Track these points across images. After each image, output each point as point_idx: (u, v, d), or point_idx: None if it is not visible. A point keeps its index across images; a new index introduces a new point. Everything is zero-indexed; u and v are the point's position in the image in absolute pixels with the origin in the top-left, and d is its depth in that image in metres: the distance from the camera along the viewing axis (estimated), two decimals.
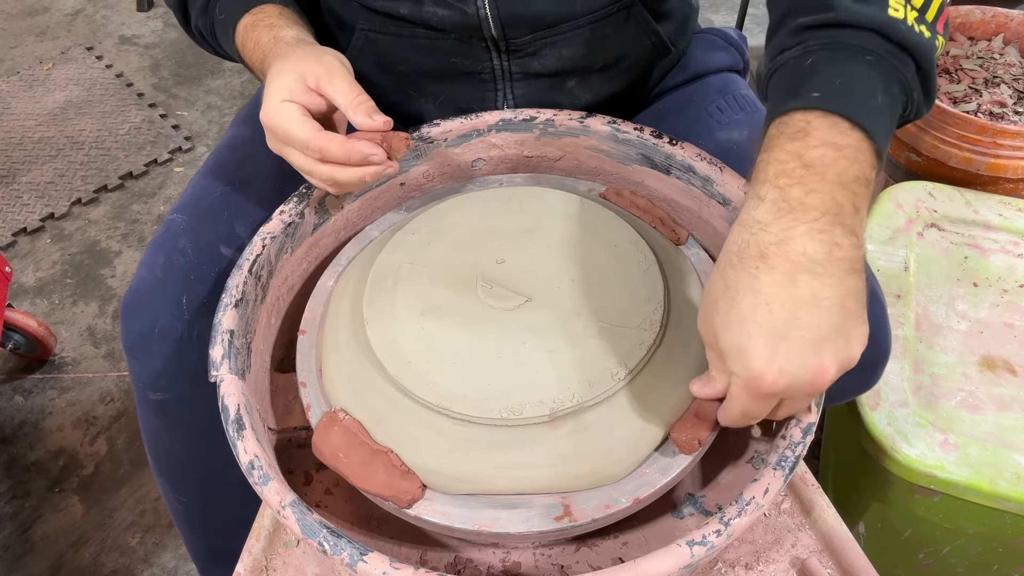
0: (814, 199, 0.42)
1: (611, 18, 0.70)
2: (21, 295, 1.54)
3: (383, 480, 0.49)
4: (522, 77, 0.73)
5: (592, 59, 0.73)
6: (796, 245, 0.42)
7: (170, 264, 0.66)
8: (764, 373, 0.42)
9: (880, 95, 0.45)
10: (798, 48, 0.48)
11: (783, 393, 0.43)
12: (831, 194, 0.42)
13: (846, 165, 0.43)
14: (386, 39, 0.72)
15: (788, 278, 0.41)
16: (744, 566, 0.56)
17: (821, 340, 0.41)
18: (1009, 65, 1.34)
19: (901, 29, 0.46)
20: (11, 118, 1.91)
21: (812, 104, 0.44)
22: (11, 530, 1.19)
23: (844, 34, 0.46)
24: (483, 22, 0.68)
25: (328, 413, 0.53)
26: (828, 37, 0.47)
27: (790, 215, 0.42)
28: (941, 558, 0.94)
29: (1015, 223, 1.04)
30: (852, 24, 0.46)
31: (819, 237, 0.42)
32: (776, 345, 0.41)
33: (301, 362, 0.58)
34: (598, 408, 0.50)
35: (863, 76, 0.45)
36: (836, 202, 0.42)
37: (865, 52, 0.46)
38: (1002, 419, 0.86)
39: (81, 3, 2.30)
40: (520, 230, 0.60)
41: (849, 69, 0.45)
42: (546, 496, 0.49)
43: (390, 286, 0.56)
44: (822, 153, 0.43)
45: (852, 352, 0.42)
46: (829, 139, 0.43)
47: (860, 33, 0.46)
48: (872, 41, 0.46)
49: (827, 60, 0.46)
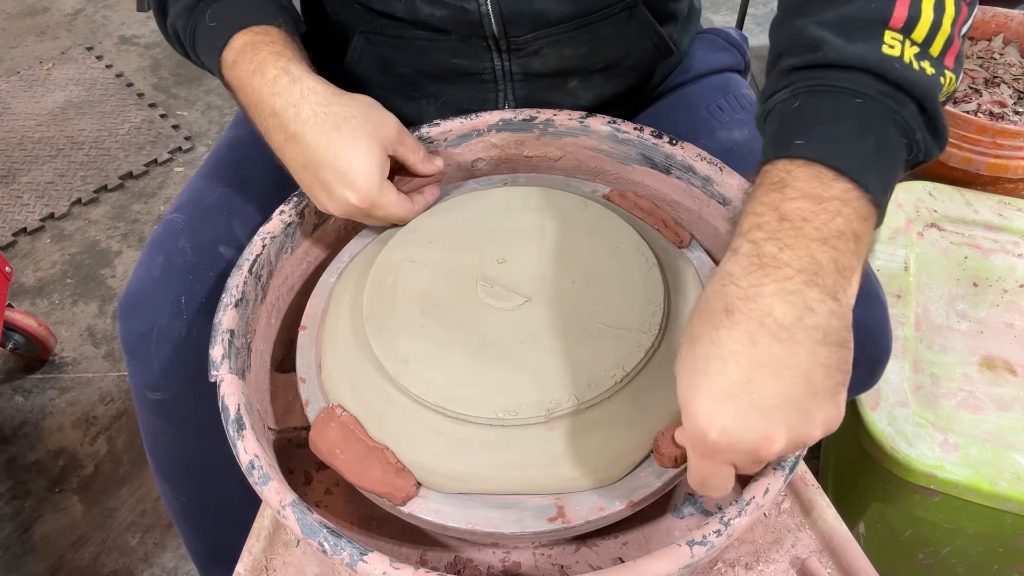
0: (788, 255, 0.39)
1: (613, 18, 0.70)
2: (21, 295, 1.54)
3: (378, 477, 0.49)
4: (523, 77, 0.73)
5: (594, 59, 0.73)
6: (763, 304, 0.39)
7: (169, 264, 0.66)
8: (705, 430, 0.39)
9: (872, 140, 0.42)
10: (786, 91, 0.45)
11: (725, 455, 0.40)
12: (808, 251, 0.39)
13: (827, 219, 0.40)
14: (386, 41, 0.72)
15: (750, 338, 0.38)
16: (744, 566, 0.56)
17: (772, 409, 0.38)
18: (1009, 65, 1.34)
19: (895, 67, 0.43)
20: (11, 118, 1.91)
21: (794, 152, 0.41)
22: (11, 530, 1.19)
23: (832, 75, 0.43)
24: (484, 19, 0.67)
25: (325, 409, 0.53)
26: (816, 79, 0.44)
27: (761, 271, 0.39)
28: (941, 558, 0.94)
29: (1015, 223, 1.04)
30: (841, 64, 0.43)
31: (789, 299, 0.38)
32: (722, 403, 0.38)
33: (301, 357, 0.58)
34: (595, 410, 0.50)
35: (851, 120, 0.42)
36: (814, 260, 0.39)
37: (855, 94, 0.43)
38: (1002, 419, 0.86)
39: (81, 3, 2.30)
40: (522, 230, 0.60)
41: (836, 113, 0.42)
42: (540, 497, 0.49)
43: (390, 284, 0.56)
44: (800, 206, 0.40)
45: (809, 432, 0.39)
46: (809, 190, 0.40)
47: (850, 74, 0.43)
48: (863, 82, 0.43)
49: (813, 104, 0.43)
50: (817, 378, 0.39)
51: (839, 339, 0.40)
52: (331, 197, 0.57)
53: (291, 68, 0.58)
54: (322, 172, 0.56)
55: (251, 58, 0.58)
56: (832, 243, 0.39)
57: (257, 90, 0.57)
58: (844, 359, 0.40)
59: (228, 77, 0.60)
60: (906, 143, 0.43)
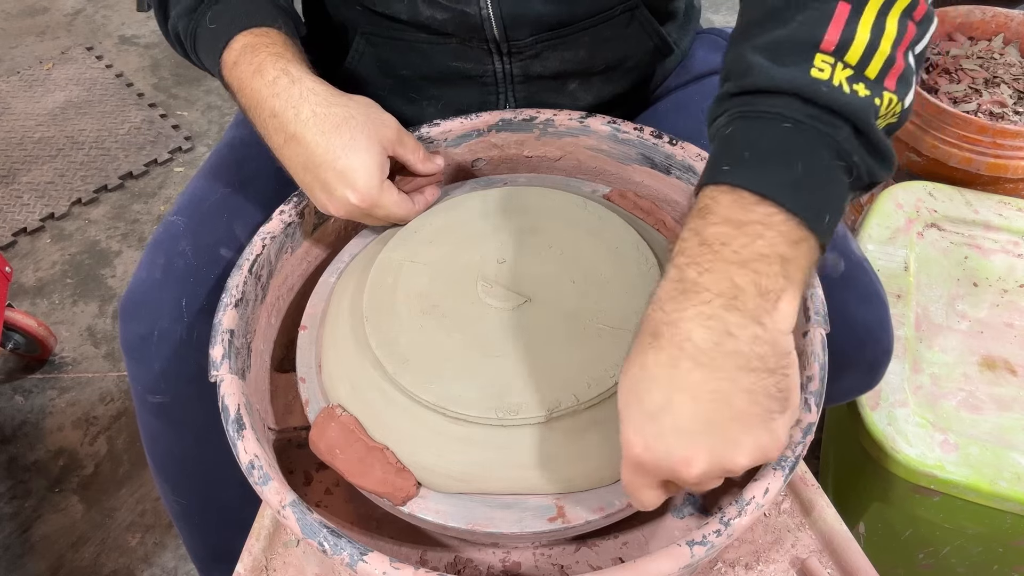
0: (707, 279, 0.39)
1: (614, 20, 0.70)
2: (21, 295, 1.54)
3: (378, 477, 0.49)
4: (524, 80, 0.73)
5: (594, 61, 0.73)
6: (683, 329, 0.39)
7: (170, 266, 0.66)
8: (632, 445, 0.40)
9: (799, 164, 0.41)
10: (723, 117, 0.45)
11: (649, 472, 0.41)
12: (727, 274, 0.39)
13: (746, 242, 0.39)
14: (387, 43, 0.72)
15: (672, 361, 0.39)
16: (744, 566, 0.56)
17: (692, 432, 0.38)
18: (1009, 65, 1.34)
19: (822, 92, 0.42)
20: (11, 118, 1.91)
21: (720, 179, 0.42)
22: (11, 530, 1.19)
23: (761, 101, 0.43)
24: (485, 22, 0.67)
25: (325, 409, 0.53)
26: (746, 104, 0.44)
27: (683, 296, 0.40)
28: (941, 558, 0.94)
29: (1015, 223, 1.04)
30: (770, 89, 0.43)
31: (707, 323, 0.39)
32: (645, 424, 0.40)
33: (301, 357, 0.58)
34: (595, 410, 0.50)
35: (778, 145, 0.42)
36: (733, 284, 0.39)
37: (783, 119, 0.42)
38: (1002, 419, 0.86)
39: (81, 3, 2.30)
40: (522, 230, 0.60)
41: (763, 138, 0.42)
42: (540, 497, 0.49)
43: (390, 284, 0.56)
44: (719, 230, 0.40)
45: (732, 458, 0.39)
46: (730, 215, 0.40)
47: (780, 99, 0.42)
48: (792, 106, 0.42)
49: (743, 130, 0.43)
50: (740, 404, 0.39)
51: (766, 365, 0.39)
52: (331, 197, 0.57)
53: (291, 69, 0.58)
54: (322, 172, 0.56)
55: (251, 59, 0.58)
56: (752, 266, 0.39)
57: (257, 91, 0.58)
58: (776, 385, 0.39)
59: (228, 79, 0.60)
60: (843, 166, 0.42)
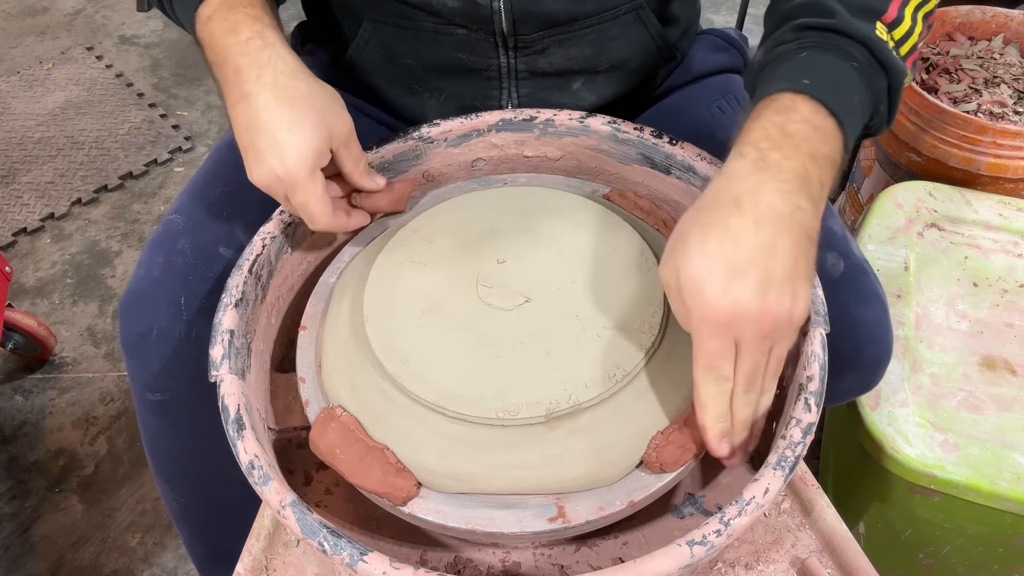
0: (788, 164, 0.46)
1: (620, 19, 0.71)
2: (21, 295, 1.54)
3: (378, 477, 0.49)
4: (528, 76, 0.73)
5: (599, 60, 0.73)
6: (765, 198, 0.45)
7: (169, 264, 0.66)
8: (718, 303, 0.44)
9: (857, 97, 0.51)
10: (795, 43, 0.53)
11: (735, 329, 0.45)
12: (803, 163, 0.47)
13: (820, 143, 0.48)
14: (394, 31, 0.72)
15: (755, 225, 0.45)
16: (744, 566, 0.56)
17: (770, 283, 0.44)
18: (1009, 65, 1.34)
19: (883, 48, 0.52)
20: (11, 118, 1.91)
21: (801, 88, 0.49)
22: (11, 530, 1.19)
23: (838, 40, 0.52)
24: (495, 15, 0.68)
25: (326, 409, 0.53)
26: (824, 39, 0.52)
27: (766, 172, 0.46)
28: (941, 558, 0.94)
29: (1015, 223, 1.04)
30: (847, 34, 0.52)
31: (787, 197, 0.46)
32: (732, 279, 0.44)
33: (301, 357, 0.58)
34: (595, 410, 0.50)
35: (847, 78, 0.51)
36: (807, 171, 0.47)
37: (852, 59, 0.51)
38: (1002, 419, 0.86)
39: (81, 3, 2.30)
40: (522, 230, 0.60)
41: (837, 69, 0.51)
42: (541, 497, 0.49)
43: (391, 284, 0.56)
44: (801, 128, 0.48)
45: (795, 307, 0.45)
46: (809, 118, 0.48)
47: (852, 43, 0.52)
48: (860, 52, 0.52)
49: (819, 57, 0.51)
50: (801, 262, 0.46)
51: (814, 236, 0.47)
52: (259, 163, 0.55)
53: (266, 34, 0.56)
54: (260, 137, 0.54)
55: (226, 16, 0.57)
56: (820, 162, 0.48)
57: (227, 47, 0.56)
58: (814, 252, 0.48)
59: (200, 33, 0.58)
60: (872, 109, 0.53)
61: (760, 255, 0.44)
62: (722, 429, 0.48)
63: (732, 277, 0.44)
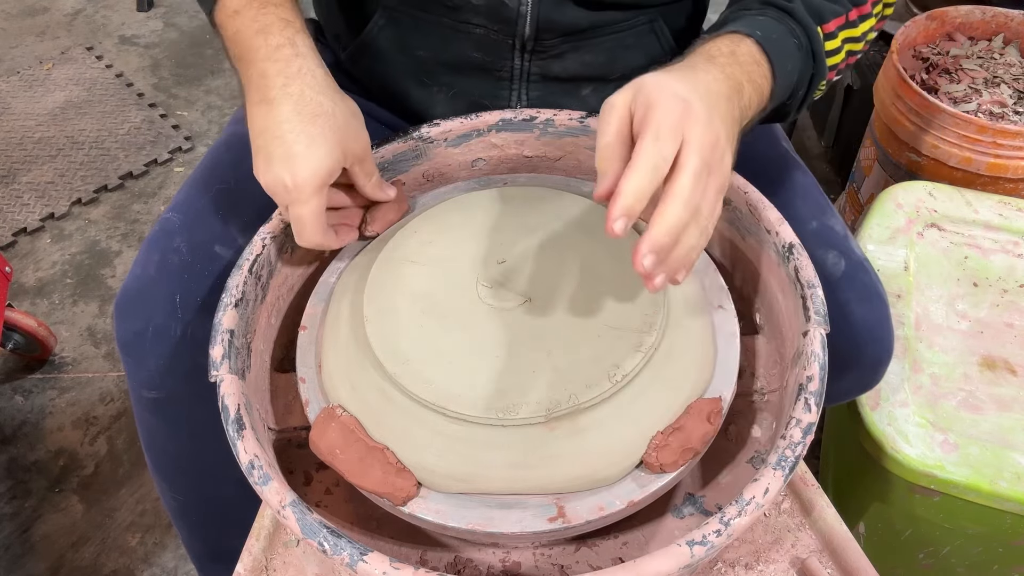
0: (730, 71, 0.55)
1: (637, 28, 0.72)
2: (21, 295, 1.54)
3: (378, 477, 0.49)
4: (540, 79, 0.74)
5: (612, 68, 0.75)
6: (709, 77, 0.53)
7: (164, 263, 0.66)
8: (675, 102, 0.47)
9: (791, 65, 0.59)
10: (756, 12, 0.61)
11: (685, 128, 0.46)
12: (740, 79, 0.55)
13: (757, 73, 0.57)
14: (410, 22, 0.71)
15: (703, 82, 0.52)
16: (744, 566, 0.56)
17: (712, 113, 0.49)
18: (1009, 65, 1.34)
19: (820, 43, 0.62)
20: (11, 118, 1.91)
21: (751, 34, 0.58)
22: (11, 530, 1.19)
23: (791, 21, 0.60)
24: (520, 19, 0.68)
25: (326, 409, 0.53)
26: (780, 16, 0.61)
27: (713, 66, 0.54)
28: (941, 558, 0.94)
29: (1015, 223, 1.04)
30: (798, 18, 0.61)
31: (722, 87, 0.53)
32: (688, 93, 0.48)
33: (301, 357, 0.58)
34: (594, 410, 0.50)
35: (789, 48, 0.59)
36: (742, 85, 0.55)
37: (796, 38, 0.60)
38: (1002, 419, 0.86)
39: (81, 3, 2.30)
40: (522, 230, 0.60)
41: (783, 39, 0.59)
42: (540, 497, 0.49)
43: (391, 284, 0.56)
44: (745, 56, 0.57)
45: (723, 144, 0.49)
46: (753, 53, 0.57)
47: (799, 28, 0.61)
48: (803, 37, 0.61)
49: (772, 24, 0.59)
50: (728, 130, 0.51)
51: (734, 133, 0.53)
52: (268, 168, 0.55)
53: (297, 41, 0.56)
54: (275, 145, 0.54)
55: (256, 15, 0.56)
56: (753, 86, 0.56)
57: (254, 49, 0.55)
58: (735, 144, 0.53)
59: (223, 23, 0.57)
60: (795, 87, 0.61)
61: (707, 95, 0.50)
62: (629, 205, 0.44)
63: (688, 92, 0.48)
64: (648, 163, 0.45)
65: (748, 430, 0.61)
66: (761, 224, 0.60)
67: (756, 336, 0.63)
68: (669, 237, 0.45)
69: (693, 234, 0.47)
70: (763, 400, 0.61)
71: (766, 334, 0.64)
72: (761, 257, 0.62)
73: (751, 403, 0.62)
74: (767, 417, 0.61)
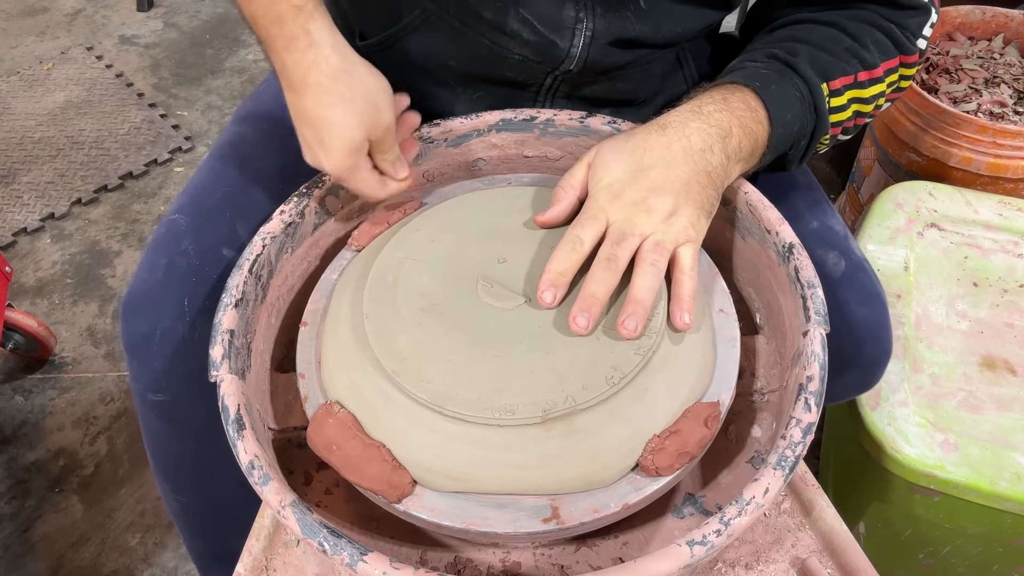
0: (718, 117, 0.57)
1: (666, 59, 0.74)
2: (21, 295, 1.54)
3: (374, 474, 0.49)
4: (566, 96, 0.74)
5: (638, 93, 0.75)
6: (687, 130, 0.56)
7: (172, 265, 0.66)
8: (610, 185, 0.55)
9: (791, 116, 0.61)
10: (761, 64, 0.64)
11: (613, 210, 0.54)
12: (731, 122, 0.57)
13: (751, 119, 0.59)
14: (448, 31, 0.69)
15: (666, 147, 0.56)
16: (744, 566, 0.56)
17: (659, 189, 0.54)
18: (1009, 65, 1.34)
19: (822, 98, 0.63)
20: (11, 118, 1.91)
21: (749, 84, 0.61)
22: (11, 530, 1.19)
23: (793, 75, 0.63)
24: (567, 59, 0.67)
25: (324, 405, 0.53)
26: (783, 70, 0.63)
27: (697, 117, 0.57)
28: (941, 558, 0.94)
29: (1015, 223, 1.04)
30: (801, 73, 0.63)
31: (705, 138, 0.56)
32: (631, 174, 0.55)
33: (301, 353, 0.58)
34: (591, 412, 0.50)
35: (789, 99, 0.61)
36: (731, 129, 0.57)
37: (798, 91, 0.62)
38: (1002, 419, 0.86)
39: (81, 3, 2.30)
40: (522, 230, 0.60)
41: (784, 90, 0.61)
42: (535, 497, 0.49)
43: (391, 282, 0.56)
44: (739, 104, 0.59)
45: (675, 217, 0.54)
46: (748, 101, 0.60)
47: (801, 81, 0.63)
48: (805, 91, 0.62)
49: (773, 76, 0.62)
50: (694, 188, 0.55)
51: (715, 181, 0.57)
52: (307, 151, 0.59)
53: (310, 27, 0.55)
54: (306, 130, 0.58)
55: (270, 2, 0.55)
56: (745, 130, 0.58)
57: (272, 39, 0.56)
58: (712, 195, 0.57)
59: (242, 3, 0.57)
60: (795, 137, 0.63)
61: (662, 166, 0.55)
62: (552, 279, 0.53)
63: (632, 172, 0.55)
64: (567, 245, 0.54)
65: (748, 430, 0.61)
66: (761, 224, 0.60)
67: (756, 336, 0.64)
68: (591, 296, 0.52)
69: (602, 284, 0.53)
70: (763, 400, 0.61)
71: (766, 334, 0.64)
72: (761, 257, 0.62)
73: (751, 403, 0.62)
74: (767, 417, 0.61)
